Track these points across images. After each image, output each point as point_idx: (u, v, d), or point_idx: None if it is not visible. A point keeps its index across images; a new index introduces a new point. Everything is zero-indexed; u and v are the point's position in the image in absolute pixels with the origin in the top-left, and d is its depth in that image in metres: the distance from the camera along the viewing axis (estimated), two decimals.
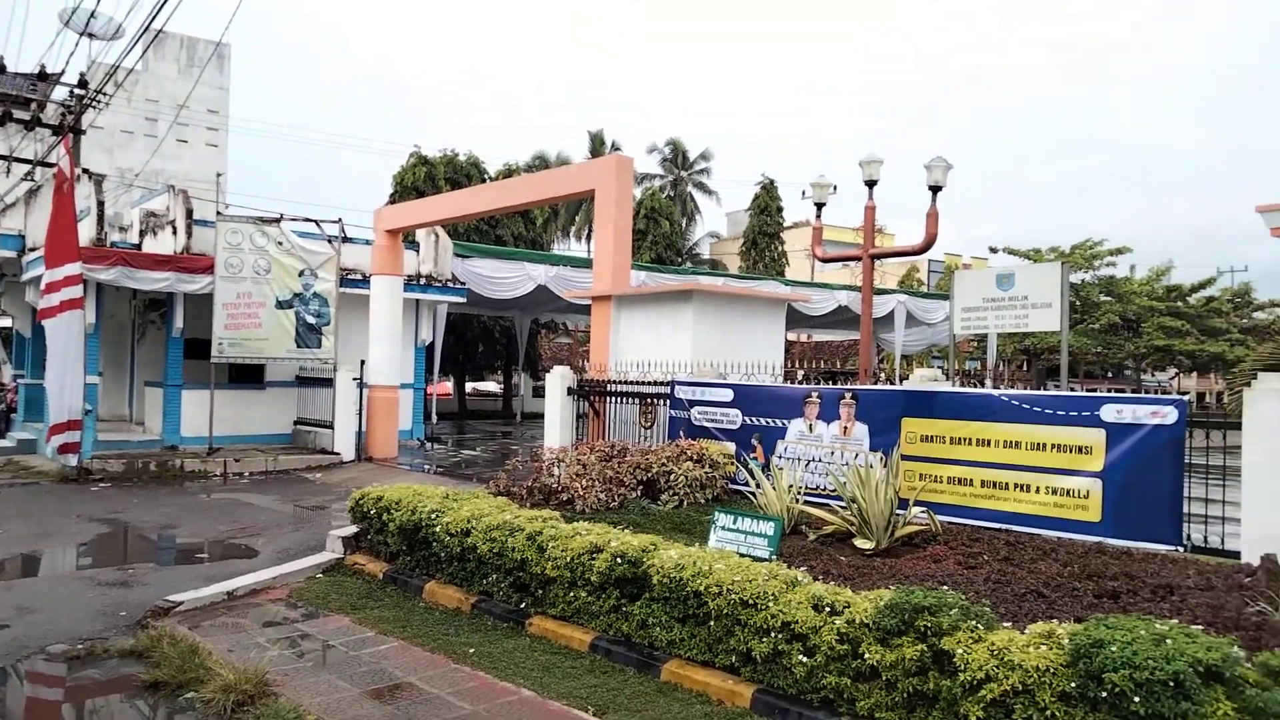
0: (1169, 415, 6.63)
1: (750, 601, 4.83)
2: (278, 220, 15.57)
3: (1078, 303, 32.51)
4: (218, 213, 17.47)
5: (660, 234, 36.19)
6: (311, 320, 15.72)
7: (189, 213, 15.69)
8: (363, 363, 16.06)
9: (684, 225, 47.55)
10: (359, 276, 16.98)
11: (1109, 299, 32.96)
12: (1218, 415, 6.93)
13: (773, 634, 4.70)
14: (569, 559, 5.87)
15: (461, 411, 29.06)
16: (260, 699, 4.77)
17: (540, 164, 41.59)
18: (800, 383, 9.69)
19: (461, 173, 26.22)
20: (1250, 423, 6.26)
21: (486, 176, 26.94)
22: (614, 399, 11.29)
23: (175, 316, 15.59)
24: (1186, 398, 6.88)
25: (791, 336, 33.33)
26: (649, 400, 10.89)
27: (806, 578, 5.05)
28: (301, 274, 15.56)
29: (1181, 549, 6.53)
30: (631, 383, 11.06)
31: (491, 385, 38.45)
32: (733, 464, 9.19)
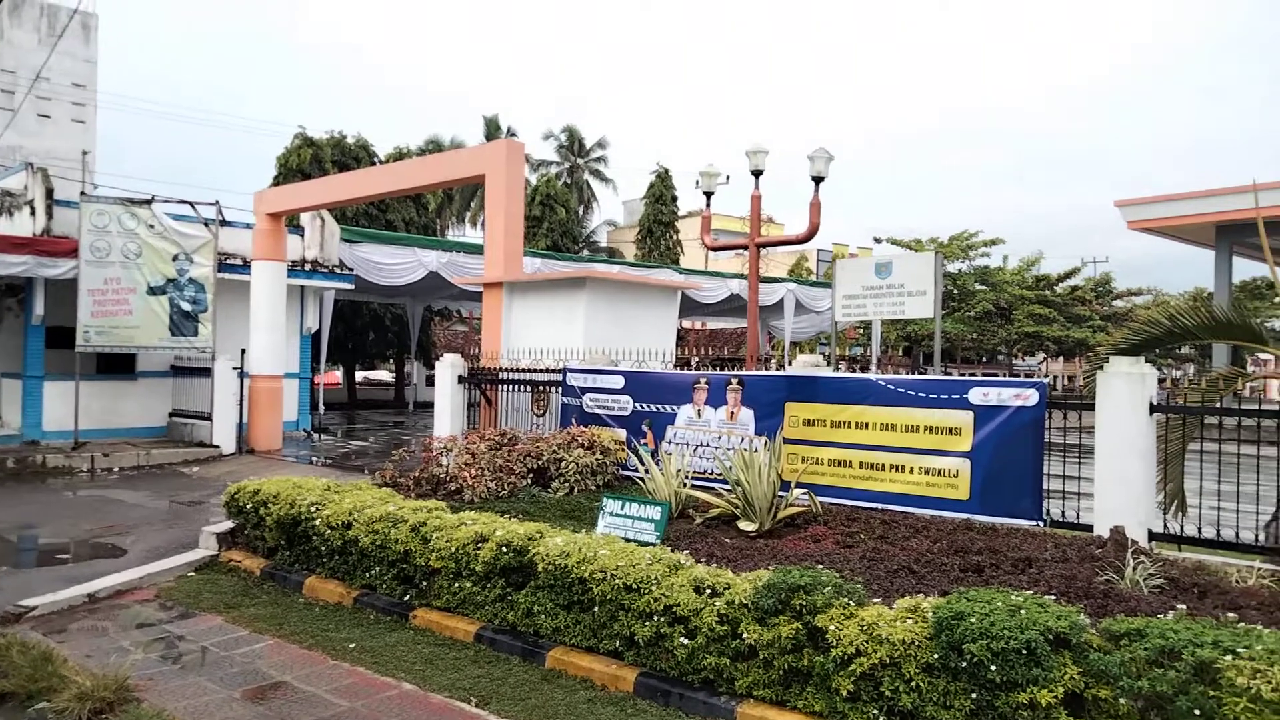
0: (1030, 397, 7.00)
1: (634, 586, 4.87)
2: (148, 201, 14.75)
3: (955, 291, 34.00)
4: (82, 193, 16.41)
5: (556, 221, 36.02)
6: (187, 307, 14.96)
7: (49, 192, 14.70)
8: (243, 351, 15.41)
9: (581, 213, 47.41)
10: (239, 262, 16.27)
11: (984, 288, 34.61)
12: (1075, 397, 7.35)
13: (655, 618, 4.75)
14: (454, 549, 5.79)
15: (351, 401, 28.29)
16: (120, 706, 4.53)
17: (434, 148, 40.66)
18: (695, 369, 9.81)
19: (350, 155, 25.42)
20: (1102, 404, 6.67)
21: (376, 160, 26.20)
22: (506, 387, 11.19)
23: (35, 303, 14.60)
24: (1046, 380, 7.28)
25: (686, 324, 33.70)
26: (541, 388, 10.83)
27: (689, 561, 5.13)
28: (176, 258, 14.78)
29: (1041, 523, 6.91)
30: (524, 370, 10.98)
31: (384, 374, 37.56)
32: (624, 450, 9.24)
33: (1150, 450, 6.63)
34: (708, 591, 4.68)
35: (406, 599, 6.18)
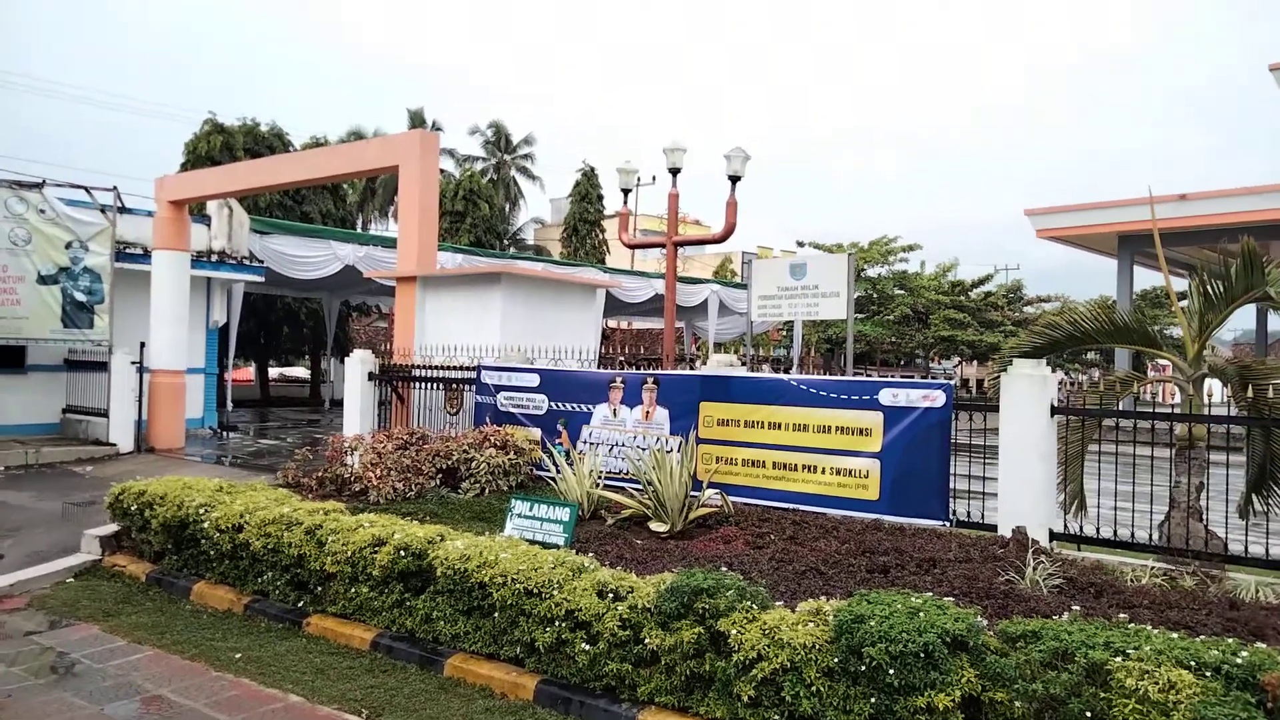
0: (938, 399, 7.08)
1: (535, 591, 4.71)
2: (39, 185, 13.93)
3: (875, 295, 34.69)
4: None
5: (480, 217, 35.44)
6: (82, 298, 14.18)
7: None
8: (143, 345, 14.68)
9: (506, 209, 46.85)
10: (140, 251, 15.49)
11: (902, 292, 35.39)
12: (982, 399, 7.46)
13: (557, 623, 4.60)
14: (350, 553, 5.54)
15: (264, 399, 27.34)
16: None
17: (355, 139, 39.66)
18: (617, 368, 9.68)
19: (263, 144, 24.54)
20: (1006, 406, 6.78)
21: (292, 149, 25.36)
22: (419, 385, 10.88)
23: None
24: (953, 382, 7.36)
25: (613, 324, 33.59)
26: (455, 386, 10.57)
27: (594, 564, 4.99)
28: (69, 246, 13.99)
29: (948, 524, 6.98)
30: (437, 367, 10.69)
31: (300, 371, 36.48)
32: (538, 450, 9.05)
33: (1051, 451, 6.76)
34: (611, 596, 4.55)
35: (300, 605, 5.89)
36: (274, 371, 32.90)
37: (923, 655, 3.46)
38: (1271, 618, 4.38)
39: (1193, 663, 3.12)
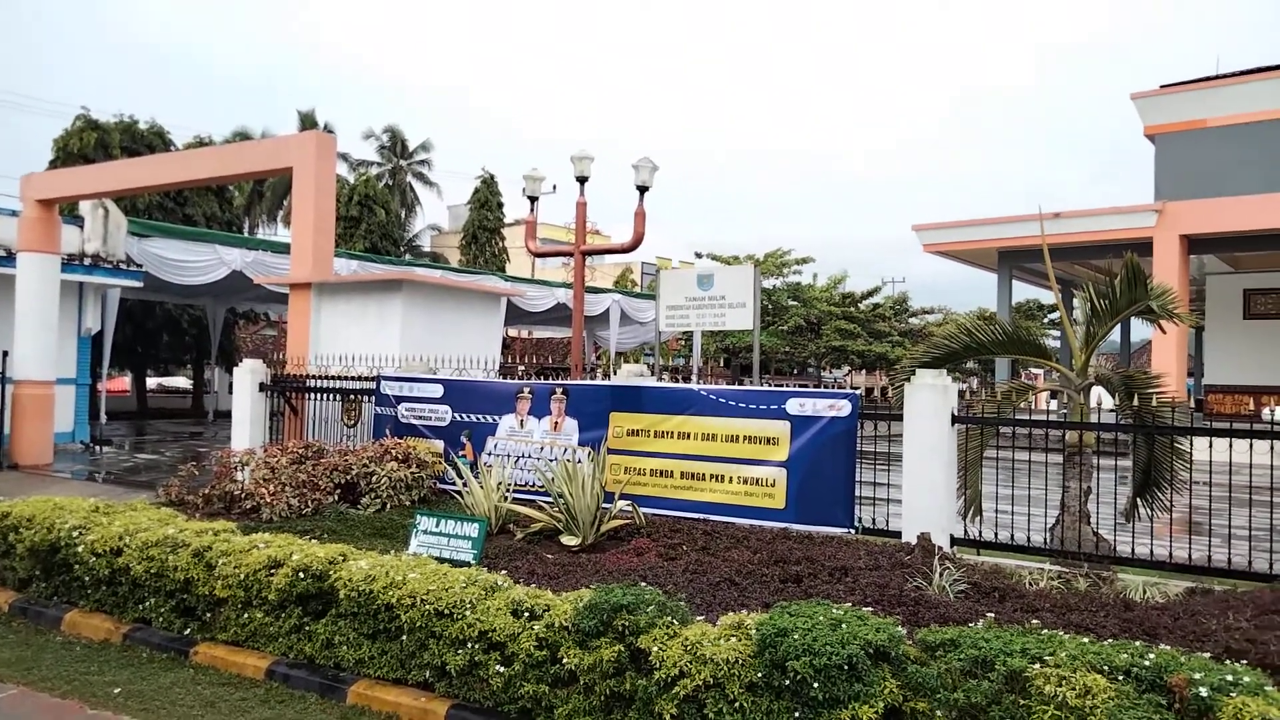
0: (844, 408, 7.20)
1: (446, 612, 4.51)
2: None
3: (770, 306, 35.44)
4: None
5: (376, 223, 34.51)
6: None
7: None
8: (5, 354, 13.62)
9: (403, 216, 45.73)
10: (3, 253, 14.41)
11: (795, 303, 36.27)
12: (884, 408, 7.63)
13: (469, 645, 4.42)
14: (243, 576, 5.20)
15: (142, 410, 25.83)
16: None
17: (242, 141, 38.03)
18: (520, 378, 9.50)
19: (142, 142, 23.25)
20: (910, 415, 6.94)
21: (174, 149, 24.10)
22: (314, 395, 10.43)
23: None
24: (859, 392, 7.51)
25: (513, 332, 33.18)
26: (353, 397, 10.18)
27: (507, 582, 4.83)
28: None
29: (853, 531, 7.10)
30: (334, 378, 10.28)
31: (181, 381, 34.69)
32: (442, 463, 8.79)
33: (952, 459, 6.95)
34: (526, 614, 4.40)
35: (187, 633, 5.50)
36: (152, 382, 31.20)
37: (846, 667, 3.45)
38: (1163, 617, 4.57)
39: (1105, 667, 3.21)
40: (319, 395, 10.35)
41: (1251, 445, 6.04)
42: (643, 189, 10.94)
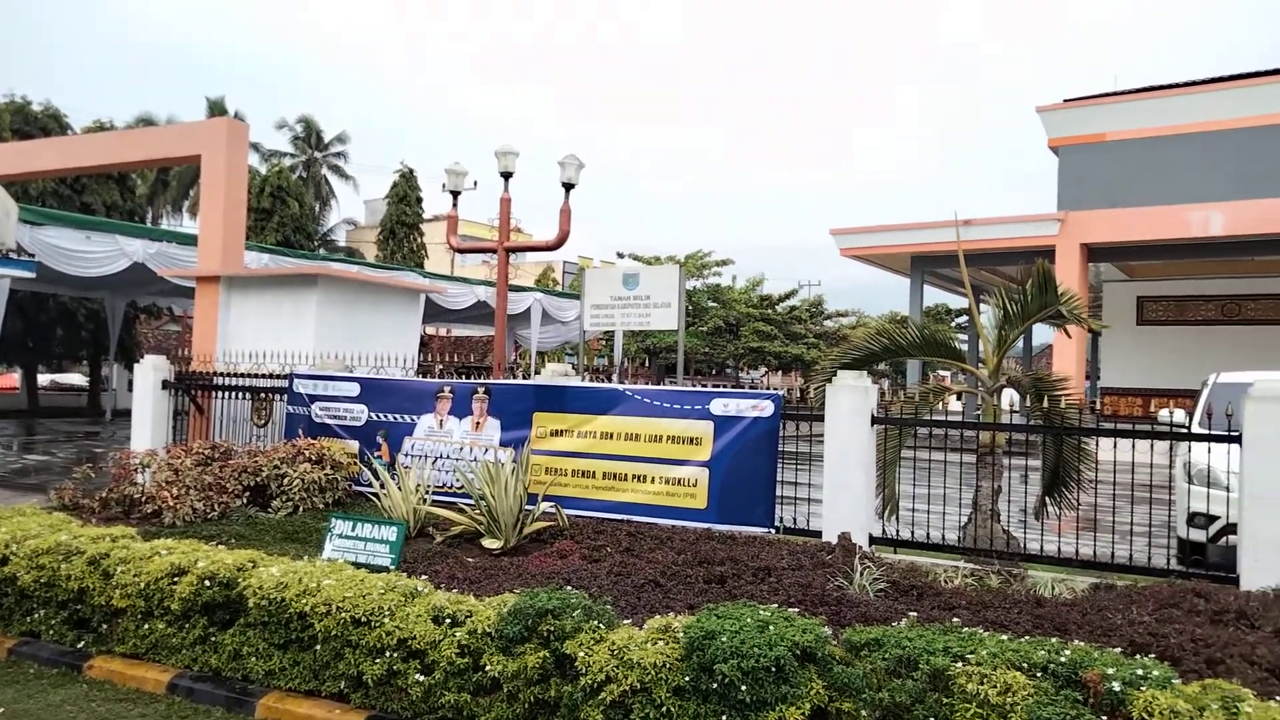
0: (767, 408, 7.25)
1: (363, 619, 4.36)
2: None
3: (690, 307, 35.76)
4: None
5: (289, 215, 33.46)
6: None
7: None
8: None
9: (318, 209, 44.46)
10: None
11: (715, 305, 36.69)
12: (805, 408, 7.73)
13: (388, 653, 4.28)
14: (144, 585, 4.93)
15: (33, 408, 24.48)
16: None
17: (146, 126, 36.38)
18: (441, 377, 9.30)
19: (35, 125, 22.07)
20: (831, 416, 7.03)
21: (72, 133, 22.90)
22: (222, 394, 10.01)
23: None
24: (781, 392, 7.58)
25: (431, 330, 32.60)
26: (264, 396, 9.81)
27: (428, 587, 4.69)
28: None
29: (774, 531, 7.15)
30: (243, 375, 9.89)
31: (76, 378, 33.01)
32: (357, 464, 8.53)
33: (871, 459, 7.07)
34: (448, 621, 4.28)
35: (80, 646, 5.19)
36: (45, 379, 29.61)
37: (774, 669, 3.45)
38: (1072, 613, 4.72)
39: (1024, 664, 3.28)
40: (227, 394, 9.94)
41: (1152, 446, 6.32)
42: (568, 186, 10.85)
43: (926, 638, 3.55)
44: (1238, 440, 5.79)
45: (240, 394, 9.89)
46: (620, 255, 37.91)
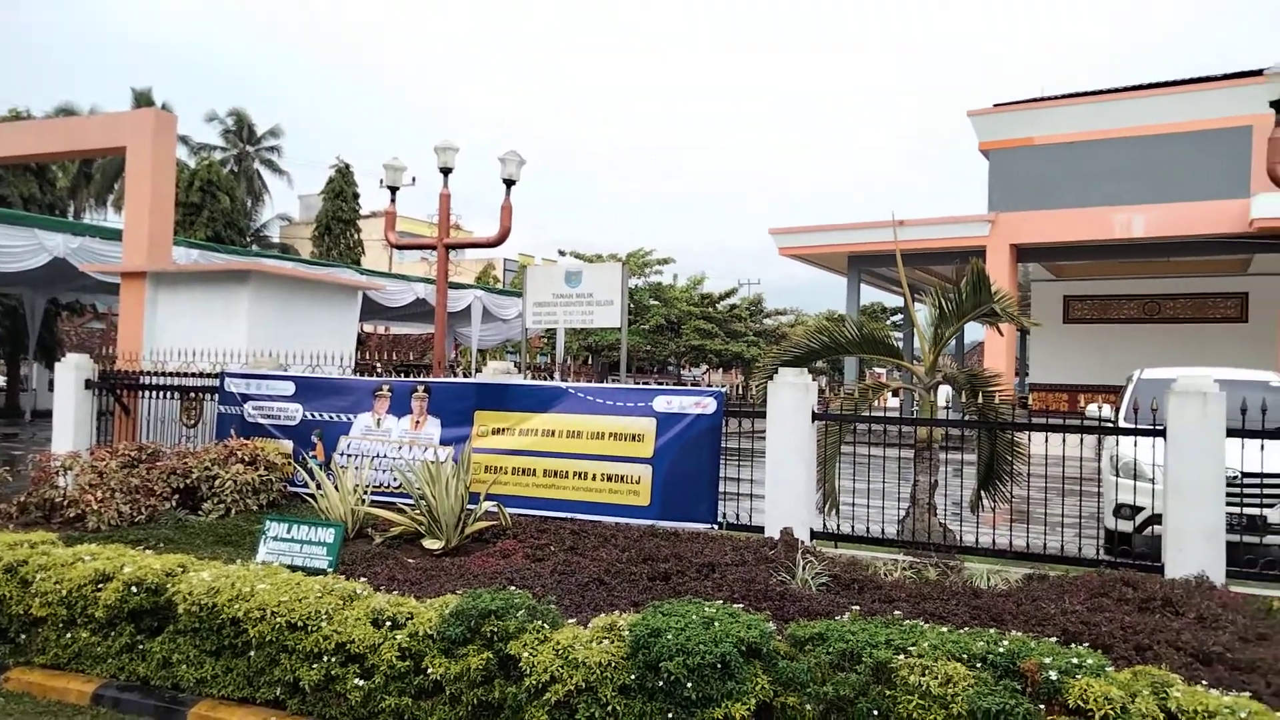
0: (709, 405, 7.28)
1: (300, 624, 4.24)
2: None
3: (632, 305, 35.82)
4: None
5: (219, 210, 32.60)
6: None
7: None
8: None
9: (250, 204, 43.32)
10: None
11: (657, 303, 36.82)
12: (747, 405, 7.78)
13: (325, 658, 4.17)
14: (65, 592, 4.73)
15: None
16: None
17: (67, 116, 34.97)
18: (379, 375, 9.13)
19: None
20: (772, 412, 7.09)
21: None
22: (149, 394, 9.68)
23: None
24: (724, 389, 7.62)
25: (369, 328, 32.04)
26: (194, 395, 9.51)
27: (367, 589, 4.59)
28: None
29: (717, 527, 7.19)
30: (172, 374, 9.57)
31: None
32: (291, 464, 8.32)
33: (812, 455, 7.15)
34: (388, 623, 4.19)
35: None
36: None
37: (720, 666, 3.45)
38: (1007, 604, 4.83)
39: (964, 655, 3.34)
40: (155, 393, 9.61)
41: (1081, 440, 6.51)
42: (509, 182, 10.74)
43: (869, 631, 3.59)
44: (1162, 434, 6.00)
45: (169, 394, 9.57)
46: (562, 253, 37.84)
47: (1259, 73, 8.40)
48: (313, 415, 8.61)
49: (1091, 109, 23.81)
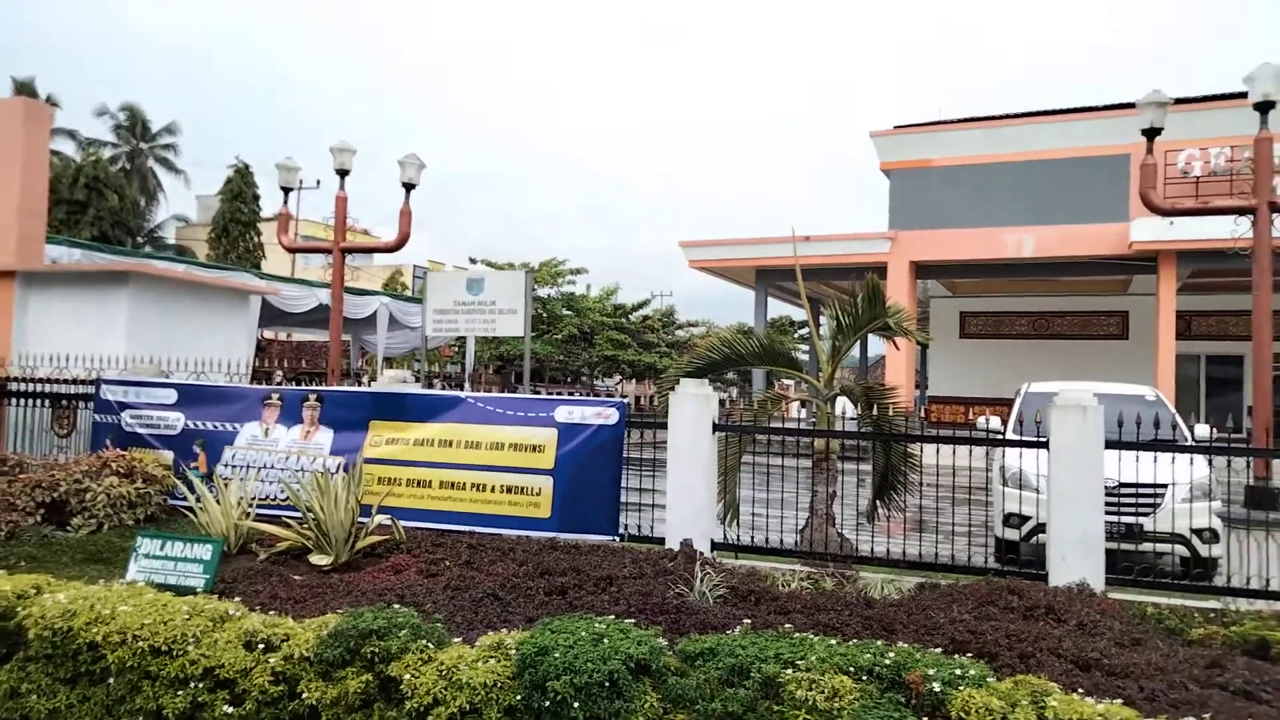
0: (611, 416, 7.21)
1: (164, 648, 3.97)
2: None
3: (545, 315, 35.58)
4: None
5: (107, 209, 31.06)
6: None
7: None
8: None
9: (143, 204, 41.43)
10: None
11: (569, 313, 36.68)
12: (651, 416, 7.74)
13: (192, 684, 3.91)
14: None
15: None
16: None
17: None
18: (277, 384, 8.75)
19: None
20: (674, 423, 7.07)
21: None
22: (16, 401, 9.05)
23: None
24: (627, 400, 7.56)
25: (270, 335, 30.93)
26: (67, 403, 8.94)
27: (241, 610, 4.34)
28: None
29: (618, 539, 7.11)
30: (42, 380, 8.99)
31: None
32: (171, 476, 7.88)
33: (713, 466, 7.16)
34: (261, 646, 3.96)
35: None
36: None
37: (608, 684, 3.37)
38: (899, 613, 4.89)
39: (851, 668, 3.33)
40: (22, 400, 9.00)
41: (971, 451, 6.69)
42: (409, 186, 10.49)
43: (759, 645, 3.56)
44: (1045, 446, 6.20)
45: (39, 401, 8.98)
46: (472, 260, 37.34)
47: (1134, 105, 8.87)
48: (195, 424, 8.18)
49: (985, 134, 24.83)
